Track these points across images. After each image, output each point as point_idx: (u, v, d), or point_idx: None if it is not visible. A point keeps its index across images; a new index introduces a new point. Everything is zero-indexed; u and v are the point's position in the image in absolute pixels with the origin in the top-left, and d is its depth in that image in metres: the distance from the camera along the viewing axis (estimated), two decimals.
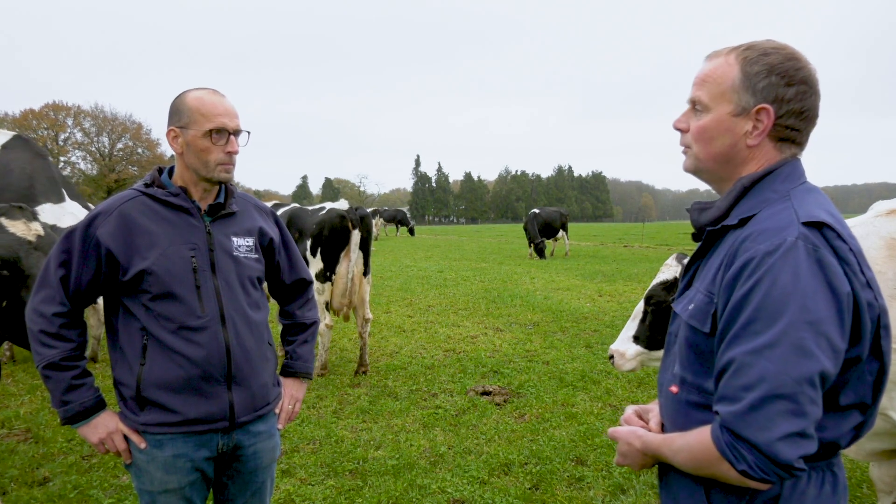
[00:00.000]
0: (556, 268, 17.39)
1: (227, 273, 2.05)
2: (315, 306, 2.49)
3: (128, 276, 1.93)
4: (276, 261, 2.30)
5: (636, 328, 3.39)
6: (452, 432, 4.85)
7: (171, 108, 2.03)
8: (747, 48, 1.32)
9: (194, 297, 1.97)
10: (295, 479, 4.03)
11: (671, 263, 3.47)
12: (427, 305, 10.92)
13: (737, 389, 1.14)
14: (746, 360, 1.13)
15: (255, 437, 2.15)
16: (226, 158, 2.00)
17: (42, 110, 58.20)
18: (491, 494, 3.80)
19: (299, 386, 2.38)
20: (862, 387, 1.24)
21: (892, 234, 2.47)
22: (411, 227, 38.21)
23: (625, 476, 4.00)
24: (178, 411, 1.97)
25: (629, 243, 29.39)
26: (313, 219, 6.38)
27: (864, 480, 3.89)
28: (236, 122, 2.02)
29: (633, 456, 1.44)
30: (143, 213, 1.98)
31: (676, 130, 1.43)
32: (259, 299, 2.17)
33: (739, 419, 1.12)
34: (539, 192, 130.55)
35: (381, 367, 6.71)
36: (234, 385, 2.04)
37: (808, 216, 1.20)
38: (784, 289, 1.13)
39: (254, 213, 2.24)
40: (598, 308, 10.44)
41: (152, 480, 2.02)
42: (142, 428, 1.99)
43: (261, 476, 2.21)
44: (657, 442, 1.37)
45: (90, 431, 2.00)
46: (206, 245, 2.03)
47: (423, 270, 17.02)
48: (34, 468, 4.20)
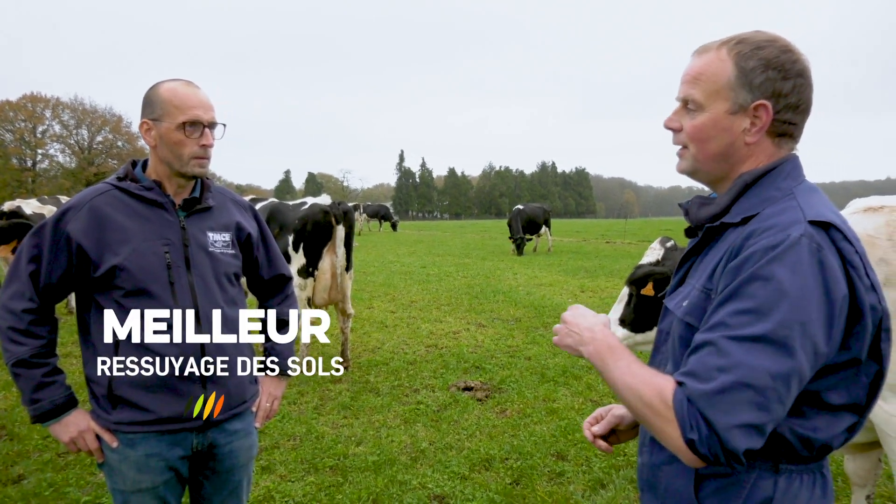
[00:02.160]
0: (539, 264, 17.44)
1: (203, 269, 2.01)
2: (295, 303, 2.45)
3: (99, 272, 1.89)
4: (254, 256, 2.27)
5: (622, 311, 3.41)
6: (434, 428, 4.84)
7: (143, 100, 1.98)
8: (739, 42, 1.27)
9: (168, 293, 1.93)
10: (275, 476, 4.00)
11: (655, 246, 3.52)
12: (410, 301, 10.90)
13: (710, 369, 1.12)
14: (727, 346, 1.11)
15: (231, 435, 2.11)
16: (200, 152, 1.96)
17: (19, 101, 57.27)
18: (472, 490, 3.81)
19: (277, 384, 2.34)
20: (856, 388, 1.22)
21: (868, 230, 2.50)
22: (394, 222, 38.14)
23: (605, 471, 4.02)
24: (150, 410, 1.93)
25: (611, 239, 29.57)
26: (295, 214, 6.32)
27: (839, 474, 3.95)
28: (211, 114, 1.97)
29: (573, 338, 1.38)
30: (115, 208, 1.94)
31: (668, 130, 1.38)
32: (236, 295, 2.13)
33: (706, 398, 1.10)
34: (523, 188, 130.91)
35: (363, 363, 6.69)
36: (209, 383, 2.00)
37: (816, 215, 1.17)
38: (780, 284, 1.10)
39: (231, 207, 2.19)
40: (580, 303, 10.45)
41: (125, 480, 1.98)
42: (114, 427, 1.95)
43: (238, 475, 2.17)
44: (608, 342, 1.31)
45: (61, 430, 1.96)
46: (181, 240, 1.98)
47: (406, 266, 16.98)
48: (9, 466, 4.13)
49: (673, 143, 1.38)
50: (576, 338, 1.37)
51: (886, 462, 3.10)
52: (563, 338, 1.42)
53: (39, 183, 57.21)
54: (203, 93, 1.99)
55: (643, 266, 3.60)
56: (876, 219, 2.53)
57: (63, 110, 58.75)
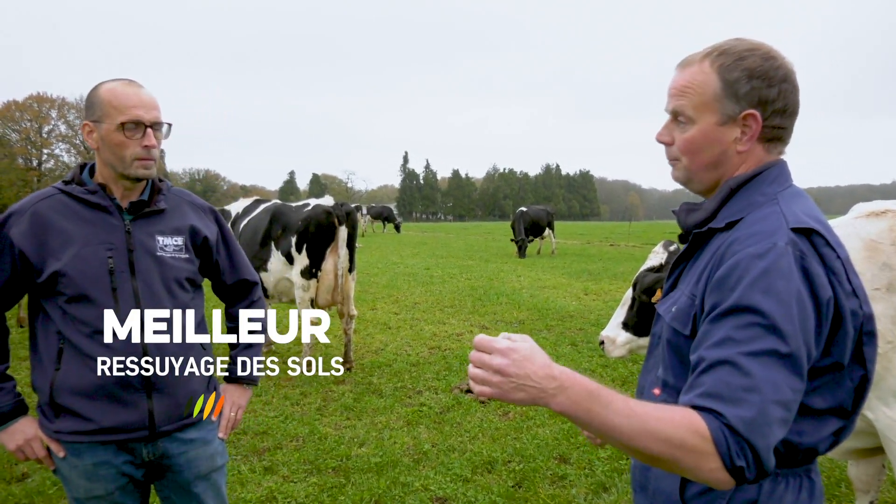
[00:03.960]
0: (543, 266, 17.44)
1: (148, 274, 1.95)
2: (263, 308, 2.35)
3: (42, 278, 1.85)
4: (213, 260, 2.20)
5: (625, 314, 3.41)
6: (436, 430, 4.85)
7: (86, 102, 1.93)
8: (720, 53, 1.28)
9: (110, 299, 1.88)
10: (278, 477, 4.01)
11: (658, 250, 3.51)
12: (413, 302, 10.91)
13: (735, 389, 1.06)
14: (745, 363, 1.07)
15: (185, 444, 2.05)
16: (143, 153, 1.89)
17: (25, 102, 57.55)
18: (474, 492, 3.81)
19: (242, 392, 2.26)
20: (841, 392, 1.23)
21: (872, 235, 2.50)
22: (397, 223, 38.19)
23: (607, 474, 4.02)
24: (92, 419, 1.89)
25: (615, 242, 29.55)
26: (298, 215, 6.34)
27: (843, 479, 3.94)
28: (154, 113, 1.90)
29: (528, 392, 1.08)
30: (58, 212, 1.89)
31: (660, 143, 1.39)
32: (189, 301, 2.06)
33: (748, 424, 1.04)
34: (527, 190, 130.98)
35: (366, 364, 6.70)
36: (155, 392, 1.94)
37: (798, 222, 1.18)
38: (778, 296, 1.10)
39: (187, 210, 2.12)
40: (583, 306, 10.48)
41: (77, 488, 1.95)
42: (56, 436, 1.92)
43: (199, 486, 2.11)
44: (586, 387, 1.08)
45: (7, 438, 1.93)
46: (125, 245, 1.93)
47: (409, 267, 17.00)
48: (13, 464, 4.15)
49: (666, 157, 1.40)
50: (532, 391, 1.07)
51: (890, 468, 3.09)
52: (505, 392, 1.08)
53: (45, 183, 57.38)
54: (146, 92, 1.92)
55: (649, 274, 3.59)
56: (879, 223, 2.52)
57: (69, 110, 59.01)
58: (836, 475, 4.05)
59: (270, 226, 6.44)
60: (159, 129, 1.94)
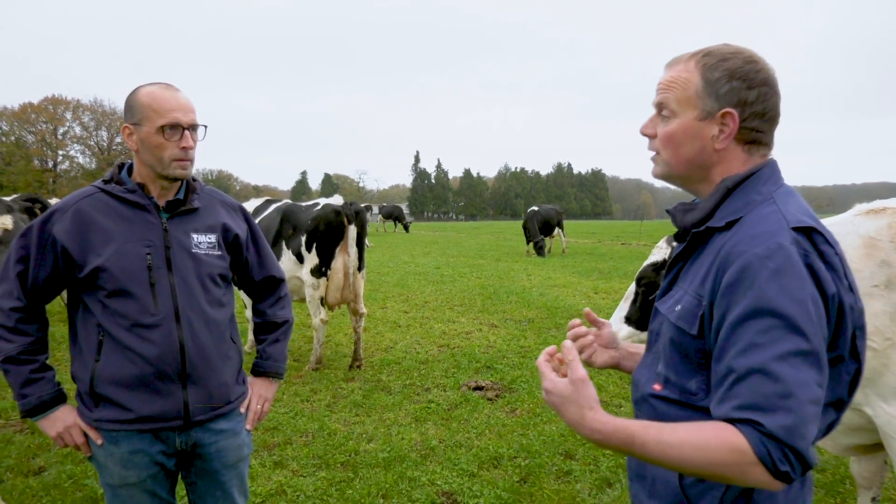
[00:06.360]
0: (553, 265, 17.43)
1: (185, 270, 2.03)
2: (288, 304, 2.45)
3: (83, 273, 1.93)
4: (243, 257, 2.28)
5: (628, 309, 3.44)
6: (444, 426, 4.90)
7: (125, 105, 2.00)
8: (706, 54, 1.34)
9: (148, 294, 1.96)
10: (287, 471, 4.08)
11: (662, 246, 3.53)
12: (423, 301, 10.97)
13: (770, 397, 1.09)
14: (775, 368, 1.10)
15: (216, 434, 2.14)
16: (181, 154, 1.98)
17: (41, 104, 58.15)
18: (480, 487, 3.86)
19: (269, 385, 2.35)
20: (839, 386, 1.27)
21: (870, 232, 2.52)
22: (406, 223, 38.29)
23: (612, 470, 4.06)
24: (130, 408, 1.97)
25: (627, 241, 29.42)
26: (308, 214, 6.41)
27: (847, 477, 3.95)
28: (191, 116, 1.98)
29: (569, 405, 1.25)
30: (99, 211, 1.97)
31: (644, 136, 1.44)
32: (221, 297, 2.15)
33: (789, 431, 1.07)
34: (538, 189, 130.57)
35: (376, 362, 6.77)
36: (190, 383, 2.03)
37: (797, 221, 1.22)
38: (793, 295, 1.13)
39: (219, 209, 2.20)
40: (593, 305, 10.47)
41: (111, 475, 2.03)
42: (95, 424, 2.00)
43: (226, 475, 2.19)
44: (631, 427, 1.19)
45: (48, 425, 2.01)
46: (163, 242, 2.01)
47: (420, 266, 17.05)
48: (30, 458, 4.25)
49: (648, 149, 1.45)
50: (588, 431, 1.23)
51: (892, 465, 3.10)
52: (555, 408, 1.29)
53: (60, 184, 58.15)
54: (183, 95, 2.00)
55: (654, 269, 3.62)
56: (878, 221, 2.55)
57: (83, 112, 59.65)
58: (842, 472, 4.06)
59: (281, 225, 6.52)
60: (195, 130, 2.02)
